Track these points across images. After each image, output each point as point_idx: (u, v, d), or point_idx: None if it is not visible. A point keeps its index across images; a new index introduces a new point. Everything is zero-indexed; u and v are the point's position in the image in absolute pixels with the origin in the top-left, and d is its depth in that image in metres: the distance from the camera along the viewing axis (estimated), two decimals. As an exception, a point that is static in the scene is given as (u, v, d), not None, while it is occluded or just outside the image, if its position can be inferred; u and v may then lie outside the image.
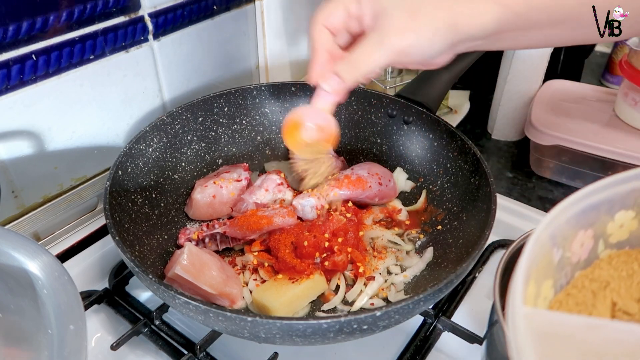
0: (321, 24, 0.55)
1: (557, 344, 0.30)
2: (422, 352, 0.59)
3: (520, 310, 0.29)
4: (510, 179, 0.93)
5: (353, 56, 0.53)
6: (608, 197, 0.37)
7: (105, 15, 0.69)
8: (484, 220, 0.60)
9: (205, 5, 0.83)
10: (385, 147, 0.82)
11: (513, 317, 0.29)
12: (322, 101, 0.57)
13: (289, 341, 0.50)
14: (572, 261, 0.38)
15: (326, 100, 0.57)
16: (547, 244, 0.34)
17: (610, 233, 0.39)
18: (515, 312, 0.29)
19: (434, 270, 0.66)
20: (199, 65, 0.87)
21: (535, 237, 0.33)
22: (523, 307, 0.30)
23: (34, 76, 0.64)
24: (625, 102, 0.87)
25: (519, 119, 0.99)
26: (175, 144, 0.76)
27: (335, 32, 0.56)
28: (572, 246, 0.37)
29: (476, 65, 0.83)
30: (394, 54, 0.51)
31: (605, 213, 0.38)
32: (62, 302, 0.45)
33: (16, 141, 0.66)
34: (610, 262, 0.40)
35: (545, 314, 0.33)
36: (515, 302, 0.30)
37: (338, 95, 0.57)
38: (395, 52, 0.50)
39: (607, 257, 0.40)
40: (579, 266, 0.39)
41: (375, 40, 0.51)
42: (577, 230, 0.37)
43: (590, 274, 0.39)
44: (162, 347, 0.59)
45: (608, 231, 0.39)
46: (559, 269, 0.37)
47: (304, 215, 0.71)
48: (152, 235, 0.67)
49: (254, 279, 0.65)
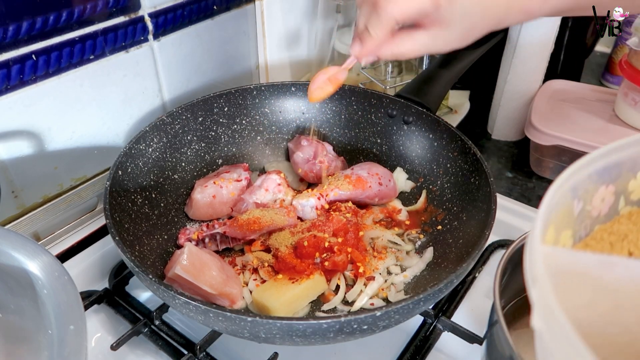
0: None
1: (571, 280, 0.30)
2: (422, 352, 0.59)
3: (538, 247, 0.29)
4: (510, 179, 0.93)
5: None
6: (631, 155, 0.37)
7: (105, 15, 0.69)
8: (484, 220, 0.60)
9: (205, 5, 0.83)
10: (385, 147, 0.82)
11: (530, 253, 0.29)
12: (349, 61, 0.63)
13: (289, 341, 0.50)
14: (592, 215, 0.39)
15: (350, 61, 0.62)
16: (568, 194, 0.35)
17: (631, 190, 0.40)
18: (533, 248, 0.29)
19: (434, 270, 0.66)
20: (199, 65, 0.87)
21: (556, 186, 0.33)
22: (541, 246, 0.30)
23: (34, 76, 0.64)
24: (625, 102, 0.87)
25: (519, 119, 0.99)
26: (175, 144, 0.76)
27: None
28: (593, 200, 0.37)
29: (476, 65, 0.83)
30: None
31: (627, 170, 0.38)
32: (62, 302, 0.45)
33: (16, 141, 0.66)
34: (630, 217, 0.40)
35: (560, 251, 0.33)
36: (534, 240, 0.30)
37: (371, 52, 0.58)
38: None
39: (627, 213, 0.41)
40: (598, 220, 0.40)
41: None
42: (598, 185, 0.37)
43: (610, 227, 0.40)
44: (162, 347, 0.59)
45: (629, 188, 0.40)
46: (579, 221, 0.37)
47: (304, 215, 0.71)
48: (152, 235, 0.67)
49: (254, 279, 0.65)
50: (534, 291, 0.28)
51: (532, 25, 0.87)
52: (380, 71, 1.01)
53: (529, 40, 0.89)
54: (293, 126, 0.86)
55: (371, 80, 0.98)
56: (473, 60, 0.81)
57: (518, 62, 0.92)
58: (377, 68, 1.00)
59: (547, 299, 0.27)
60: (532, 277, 0.29)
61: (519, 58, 0.92)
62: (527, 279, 0.29)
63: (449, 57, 0.81)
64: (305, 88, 0.83)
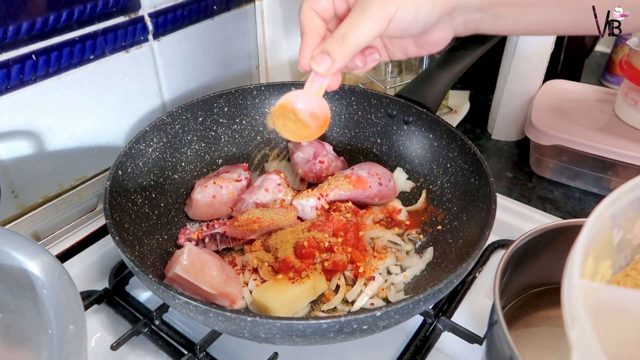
0: (310, 8, 0.53)
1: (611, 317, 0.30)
2: (422, 352, 0.59)
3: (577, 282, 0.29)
4: (510, 179, 0.93)
5: (340, 31, 0.50)
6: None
7: (105, 15, 0.69)
8: (484, 220, 0.60)
9: (205, 5, 0.83)
10: (385, 147, 0.82)
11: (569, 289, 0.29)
12: (315, 85, 0.56)
13: (289, 341, 0.50)
14: (633, 244, 0.38)
15: (318, 83, 0.56)
16: (608, 223, 0.34)
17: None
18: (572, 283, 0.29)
19: (434, 270, 0.66)
20: (199, 65, 0.87)
21: (596, 215, 0.32)
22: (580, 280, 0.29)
23: (34, 76, 0.64)
24: (625, 102, 0.87)
25: (519, 119, 0.99)
26: (175, 144, 0.76)
27: (326, 17, 0.54)
28: (633, 228, 0.37)
29: (476, 65, 0.83)
30: (381, 22, 0.49)
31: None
32: (62, 302, 0.45)
33: (16, 141, 0.66)
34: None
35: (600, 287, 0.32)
36: (573, 274, 0.29)
37: (330, 76, 0.55)
38: (381, 20, 0.48)
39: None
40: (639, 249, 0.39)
41: (359, 11, 0.49)
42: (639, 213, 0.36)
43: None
44: (162, 347, 0.59)
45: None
46: (619, 250, 0.37)
47: (304, 215, 0.71)
48: (152, 235, 0.67)
49: (254, 279, 0.65)
50: (573, 332, 0.27)
51: (532, 25, 0.87)
52: (380, 71, 1.01)
53: (529, 40, 0.89)
54: (293, 126, 0.85)
55: (371, 80, 0.98)
56: (473, 60, 0.81)
57: (518, 62, 0.92)
58: (377, 68, 1.00)
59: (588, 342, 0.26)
60: (571, 317, 0.28)
61: (519, 58, 0.92)
62: (565, 318, 0.28)
63: (449, 57, 0.82)
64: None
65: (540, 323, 0.58)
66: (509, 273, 0.53)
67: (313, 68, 0.53)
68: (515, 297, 0.60)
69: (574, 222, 0.55)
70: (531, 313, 0.59)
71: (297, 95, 0.58)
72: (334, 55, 0.51)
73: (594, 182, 0.87)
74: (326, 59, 0.51)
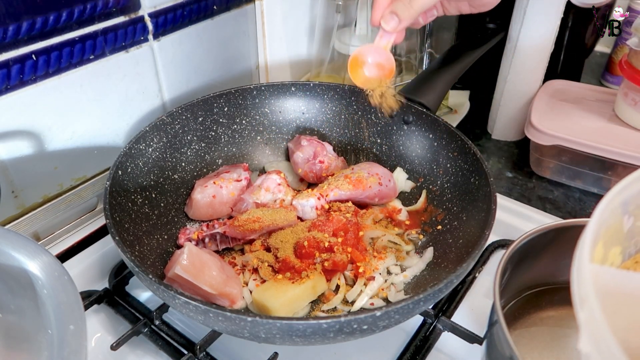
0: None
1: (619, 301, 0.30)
2: (422, 352, 0.59)
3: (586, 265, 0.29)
4: (510, 179, 0.93)
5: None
6: None
7: (105, 15, 0.69)
8: (484, 220, 0.60)
9: (205, 5, 0.83)
10: (385, 147, 0.82)
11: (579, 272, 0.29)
12: (383, 40, 0.65)
13: (289, 341, 0.50)
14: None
15: (386, 39, 0.65)
16: (618, 210, 0.34)
17: None
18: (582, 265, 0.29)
19: (434, 270, 0.66)
20: (199, 65, 0.87)
21: (606, 201, 0.32)
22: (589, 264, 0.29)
23: (34, 76, 0.64)
24: (625, 102, 0.87)
25: (519, 119, 0.99)
26: (175, 144, 0.76)
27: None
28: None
29: (476, 65, 0.83)
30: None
31: None
32: (62, 302, 0.45)
33: (16, 141, 0.66)
34: None
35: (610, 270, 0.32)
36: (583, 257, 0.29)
37: (397, 33, 0.63)
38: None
39: None
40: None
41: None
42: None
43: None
44: (162, 347, 0.59)
45: None
46: (629, 237, 0.37)
47: (304, 215, 0.71)
48: (152, 235, 0.67)
49: (254, 279, 0.65)
50: (582, 313, 0.27)
51: (532, 25, 0.87)
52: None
53: (529, 40, 0.89)
54: (293, 126, 0.86)
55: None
56: (473, 60, 0.81)
57: (518, 62, 0.92)
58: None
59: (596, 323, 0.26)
60: (580, 298, 0.28)
61: (519, 58, 0.92)
62: (574, 299, 0.29)
63: (449, 57, 0.82)
64: (306, 88, 0.83)
65: (540, 323, 0.58)
66: (509, 273, 0.53)
67: (382, 26, 0.63)
68: (515, 297, 0.60)
69: (574, 222, 0.55)
70: (531, 313, 0.59)
71: (368, 48, 0.67)
72: (401, 15, 0.60)
73: (594, 182, 0.87)
74: (394, 19, 0.61)
